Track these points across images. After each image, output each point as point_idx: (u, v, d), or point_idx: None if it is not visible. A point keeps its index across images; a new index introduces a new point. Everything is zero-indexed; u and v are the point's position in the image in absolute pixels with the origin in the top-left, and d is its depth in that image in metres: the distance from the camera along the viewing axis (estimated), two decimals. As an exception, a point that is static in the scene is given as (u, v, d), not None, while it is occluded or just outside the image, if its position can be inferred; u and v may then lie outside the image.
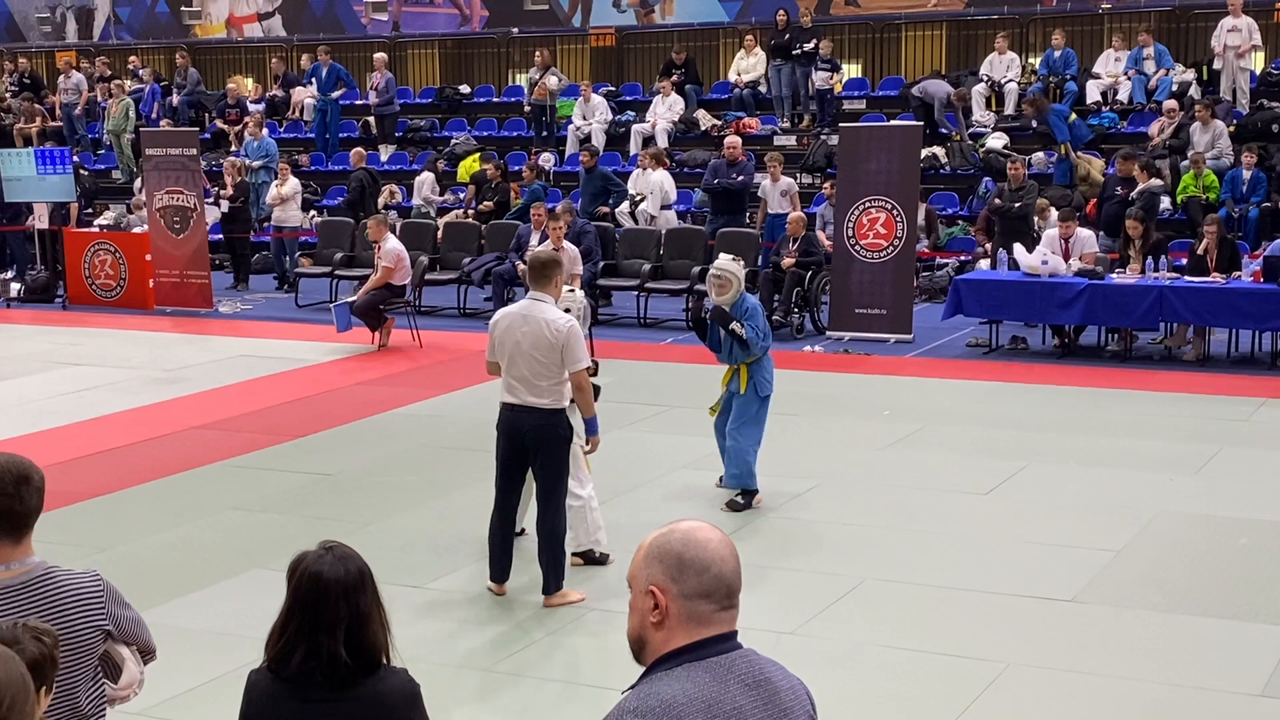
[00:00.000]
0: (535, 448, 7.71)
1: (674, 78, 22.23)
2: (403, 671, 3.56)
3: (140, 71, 26.24)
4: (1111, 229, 15.26)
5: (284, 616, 3.50)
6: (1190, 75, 19.88)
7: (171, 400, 13.01)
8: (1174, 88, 19.77)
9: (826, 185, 17.83)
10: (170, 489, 10.17)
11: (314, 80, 24.17)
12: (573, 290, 8.77)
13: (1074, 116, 19.34)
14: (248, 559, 8.45)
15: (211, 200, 19.89)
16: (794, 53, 21.29)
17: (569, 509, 8.04)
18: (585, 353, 7.64)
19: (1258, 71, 19.97)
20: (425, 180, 21.06)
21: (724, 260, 9.53)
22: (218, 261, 20.06)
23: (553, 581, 7.79)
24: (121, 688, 3.90)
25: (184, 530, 9.23)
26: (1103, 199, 16.40)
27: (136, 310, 18.19)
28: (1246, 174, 17.27)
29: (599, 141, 21.52)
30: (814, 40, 21.13)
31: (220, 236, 20.13)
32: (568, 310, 8.01)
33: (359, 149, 21.31)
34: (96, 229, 20.18)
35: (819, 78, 21.16)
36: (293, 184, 19.94)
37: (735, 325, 9.28)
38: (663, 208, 18.74)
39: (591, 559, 8.40)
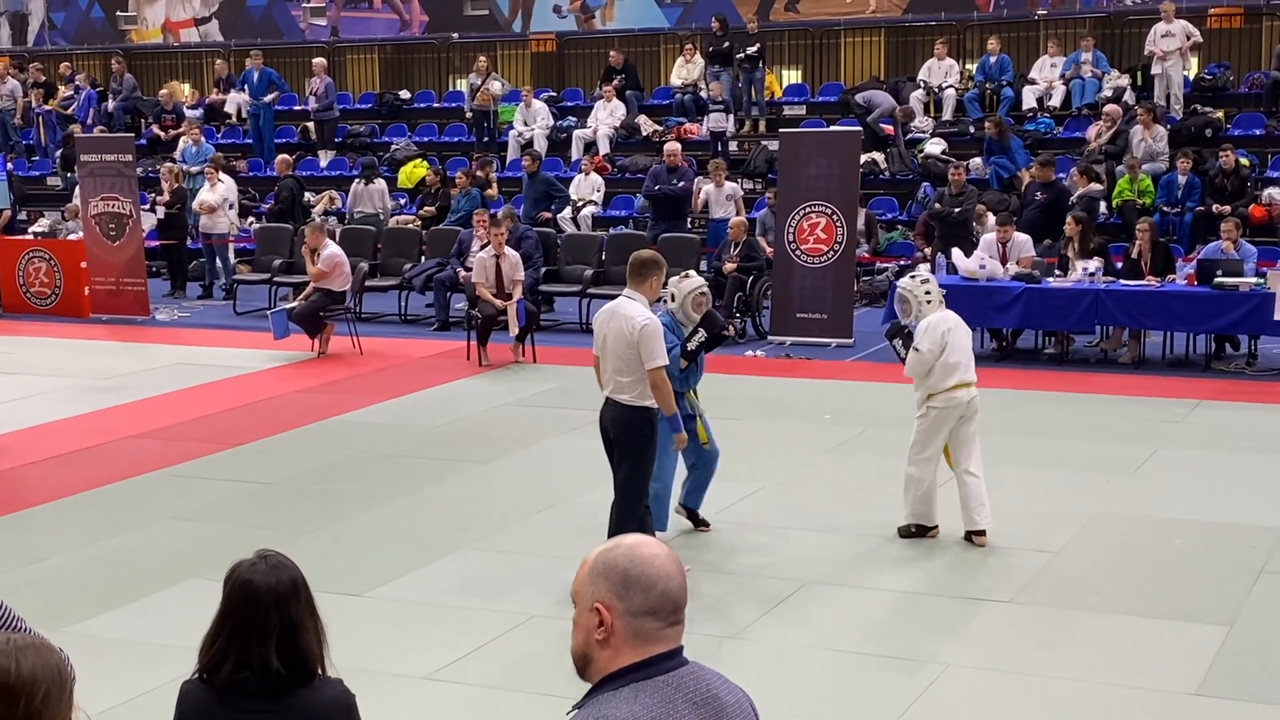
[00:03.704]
0: (615, 441, 7.87)
1: (615, 83, 22.24)
2: (338, 682, 3.54)
3: (75, 77, 25.96)
4: (1032, 233, 15.38)
5: (216, 624, 3.48)
6: (1125, 81, 20.10)
7: (108, 409, 12.86)
8: (1103, 92, 19.98)
9: (769, 193, 17.89)
10: (107, 499, 10.06)
11: (246, 85, 23.99)
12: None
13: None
14: (185, 569, 8.37)
15: (148, 207, 19.69)
16: (736, 57, 21.36)
17: (965, 484, 8.68)
18: (661, 350, 7.66)
19: (1191, 77, 20.22)
20: (378, 190, 20.74)
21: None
22: (154, 269, 19.86)
23: None
24: None
25: (120, 540, 9.12)
26: (1022, 204, 16.56)
27: (72, 318, 17.97)
28: (1181, 179, 17.47)
29: (541, 147, 21.50)
30: (756, 45, 21.21)
31: (157, 243, 19.93)
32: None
33: (284, 156, 21.13)
34: (31, 236, 19.93)
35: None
36: (221, 190, 19.72)
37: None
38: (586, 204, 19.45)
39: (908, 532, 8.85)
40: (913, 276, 9.26)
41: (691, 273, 9.31)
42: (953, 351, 8.70)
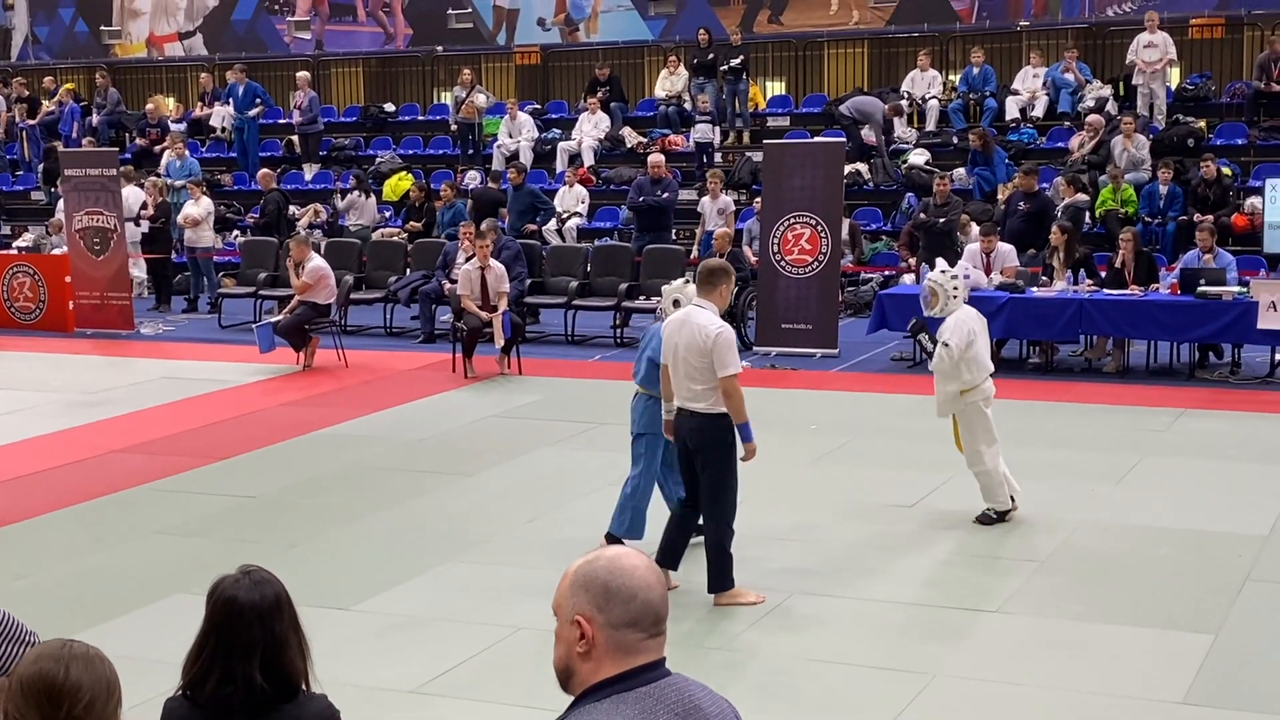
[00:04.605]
0: (695, 451, 7.86)
1: (599, 95, 22.27)
2: (322, 698, 3.53)
3: (59, 91, 25.91)
4: (1016, 243, 15.41)
5: (199, 641, 3.47)
6: (1107, 91, 20.18)
7: (93, 424, 12.82)
8: (1085, 102, 20.05)
9: (758, 201, 17.93)
10: (92, 514, 10.03)
11: (231, 99, 23.97)
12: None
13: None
14: (171, 584, 8.34)
15: (132, 220, 19.66)
16: (720, 69, 21.41)
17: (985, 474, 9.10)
18: (735, 359, 7.71)
19: (1173, 87, 20.30)
20: (372, 203, 20.89)
21: None
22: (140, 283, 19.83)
23: (715, 582, 7.94)
24: None
25: (106, 555, 9.10)
26: (1005, 214, 16.60)
27: (56, 333, 17.92)
28: (1163, 189, 17.54)
29: (525, 159, 21.51)
30: (740, 57, 21.26)
31: (141, 257, 19.90)
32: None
33: (266, 170, 21.16)
34: (14, 251, 19.88)
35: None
36: (205, 204, 19.73)
37: None
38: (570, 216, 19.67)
39: (988, 519, 9.21)
40: (943, 271, 9.78)
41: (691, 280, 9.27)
42: (982, 347, 9.31)
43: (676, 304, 8.66)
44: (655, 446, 8.58)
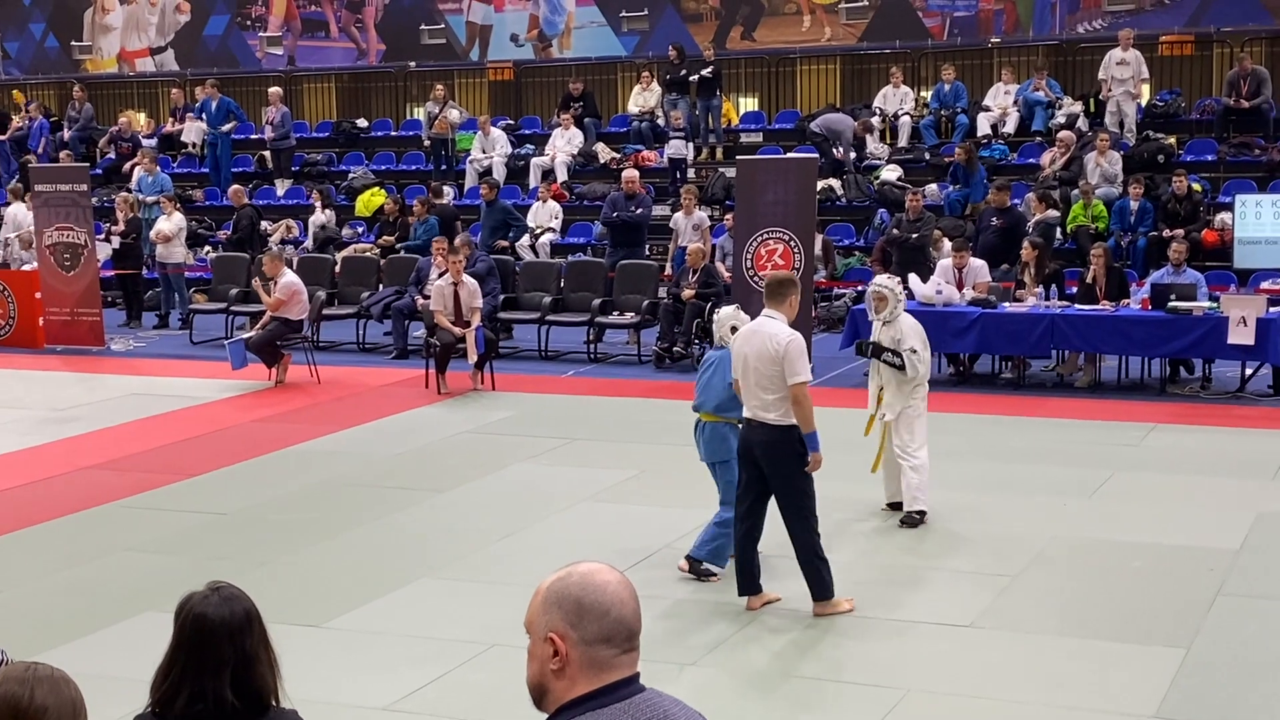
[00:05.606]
0: (766, 465, 7.82)
1: (572, 110, 22.29)
2: (292, 714, 3.49)
3: (29, 107, 25.79)
4: (989, 258, 15.47)
5: (168, 658, 3.44)
6: (1078, 107, 20.29)
7: (63, 440, 12.75)
8: (1053, 119, 20.17)
9: (728, 218, 17.96)
10: (62, 531, 9.96)
11: (204, 114, 23.91)
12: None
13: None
14: (141, 601, 8.28)
15: (103, 236, 19.58)
16: (691, 80, 21.46)
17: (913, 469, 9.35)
18: (805, 367, 7.71)
19: (1143, 104, 20.43)
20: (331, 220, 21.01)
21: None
22: (109, 299, 19.74)
23: (817, 591, 7.90)
24: None
25: (76, 573, 9.03)
26: (978, 230, 16.67)
27: (26, 349, 17.82)
28: (1134, 204, 17.64)
29: (499, 175, 21.52)
30: (711, 67, 21.30)
31: (112, 273, 19.81)
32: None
33: (237, 186, 21.10)
34: (-16, 266, 19.78)
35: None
36: (177, 220, 19.67)
37: None
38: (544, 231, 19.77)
39: (912, 521, 9.46)
40: (889, 277, 10.09)
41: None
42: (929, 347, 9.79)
43: (734, 330, 8.50)
44: (732, 472, 8.44)
